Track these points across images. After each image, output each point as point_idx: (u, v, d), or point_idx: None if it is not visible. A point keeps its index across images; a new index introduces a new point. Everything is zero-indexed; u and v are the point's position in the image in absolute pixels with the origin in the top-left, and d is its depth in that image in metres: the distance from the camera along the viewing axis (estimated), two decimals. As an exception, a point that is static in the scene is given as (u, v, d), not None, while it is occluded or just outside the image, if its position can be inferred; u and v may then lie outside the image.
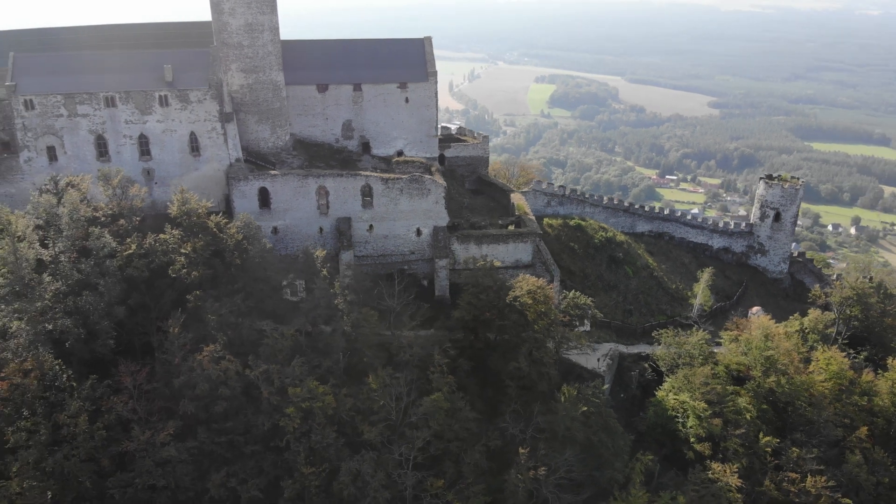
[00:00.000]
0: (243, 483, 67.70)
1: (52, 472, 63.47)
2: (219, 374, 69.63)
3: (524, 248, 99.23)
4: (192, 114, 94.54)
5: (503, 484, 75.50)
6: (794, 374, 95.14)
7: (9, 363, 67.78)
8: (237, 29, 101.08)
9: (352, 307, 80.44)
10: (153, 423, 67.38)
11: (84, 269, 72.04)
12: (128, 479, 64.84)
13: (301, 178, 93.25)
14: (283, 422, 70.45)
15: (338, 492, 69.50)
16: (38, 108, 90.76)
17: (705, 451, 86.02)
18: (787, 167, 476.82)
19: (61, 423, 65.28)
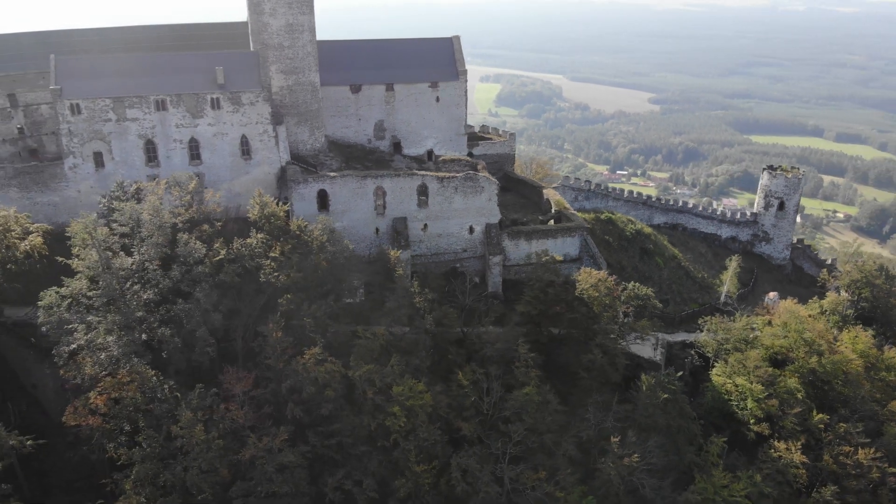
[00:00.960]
0: (358, 485, 67.44)
1: (170, 487, 62.00)
2: (324, 377, 69.17)
3: (572, 243, 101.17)
4: (244, 116, 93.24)
5: (594, 473, 77.21)
6: (829, 353, 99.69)
7: (100, 377, 65.96)
8: (278, 30, 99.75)
9: (432, 305, 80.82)
10: (265, 430, 66.46)
11: (174, 277, 70.41)
12: (249, 488, 63.86)
13: (359, 180, 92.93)
14: (389, 421, 70.46)
15: (448, 488, 69.88)
16: (85, 112, 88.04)
17: (764, 431, 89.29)
18: (731, 159, 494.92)
19: (175, 435, 63.84)
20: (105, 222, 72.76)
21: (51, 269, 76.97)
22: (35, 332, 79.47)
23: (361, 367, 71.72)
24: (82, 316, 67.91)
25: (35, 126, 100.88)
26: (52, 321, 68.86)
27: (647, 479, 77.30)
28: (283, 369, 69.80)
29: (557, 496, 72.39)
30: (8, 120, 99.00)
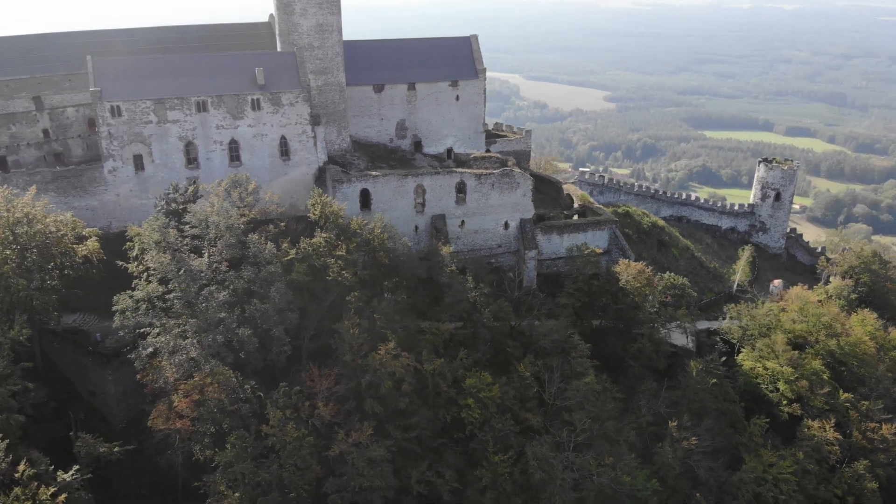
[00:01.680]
0: (440, 476, 68.60)
1: (266, 485, 62.27)
2: (400, 371, 70.13)
3: (601, 236, 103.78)
4: (284, 117, 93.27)
5: (652, 457, 79.82)
6: (844, 336, 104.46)
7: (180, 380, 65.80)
8: (308, 30, 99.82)
9: (488, 300, 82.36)
10: (351, 425, 67.09)
11: (246, 277, 70.43)
12: (342, 483, 64.44)
13: (400, 178, 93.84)
14: (464, 413, 71.86)
15: (523, 477, 71.53)
16: (125, 114, 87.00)
17: (796, 412, 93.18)
18: (688, 154, 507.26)
19: (266, 434, 64.09)
20: (167, 224, 72.01)
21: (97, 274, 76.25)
22: (89, 339, 78.63)
23: (434, 362, 72.83)
24: (160, 319, 67.31)
25: (61, 129, 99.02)
26: (129, 325, 68.17)
27: (702, 461, 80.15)
28: (360, 365, 70.39)
29: (624, 480, 74.63)
30: (33, 123, 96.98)
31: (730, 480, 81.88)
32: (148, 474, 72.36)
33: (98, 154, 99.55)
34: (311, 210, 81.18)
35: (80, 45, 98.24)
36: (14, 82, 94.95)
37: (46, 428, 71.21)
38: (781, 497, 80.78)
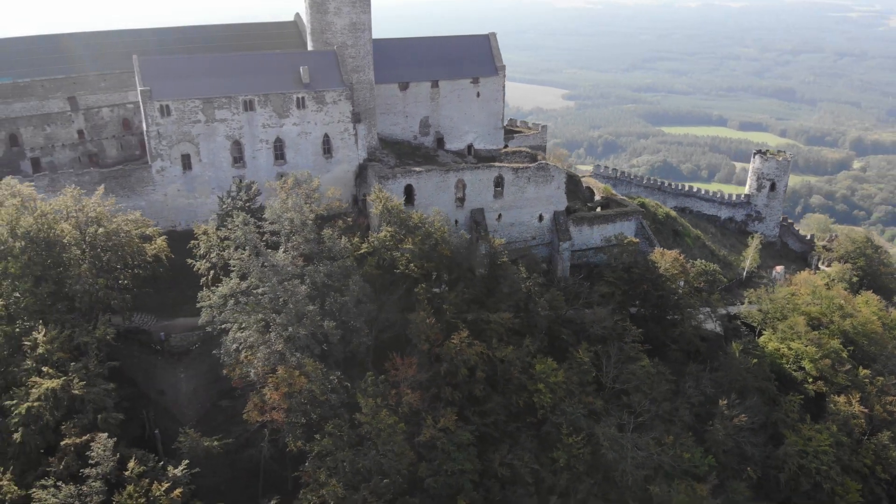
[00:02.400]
0: (519, 459, 71.06)
1: (365, 471, 63.89)
2: (474, 359, 72.36)
3: (629, 226, 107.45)
4: (327, 115, 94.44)
5: (703, 435, 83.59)
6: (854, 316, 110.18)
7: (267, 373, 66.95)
8: (342, 29, 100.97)
9: (543, 290, 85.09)
10: (435, 411, 69.07)
11: (323, 271, 71.75)
12: (435, 467, 66.40)
13: (442, 174, 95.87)
14: (536, 398, 74.46)
15: (593, 457, 74.44)
16: (174, 113, 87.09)
17: (821, 389, 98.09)
18: (649, 150, 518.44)
19: (359, 423, 65.69)
20: (248, 220, 72.74)
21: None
22: (152, 338, 78.83)
23: (505, 349, 75.25)
24: (246, 314, 68.17)
25: (95, 130, 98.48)
26: (216, 321, 68.92)
27: (749, 437, 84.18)
28: (435, 354, 72.37)
29: (685, 457, 78.20)
30: (68, 124, 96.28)
31: (774, 455, 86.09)
32: (225, 469, 72.98)
33: (132, 155, 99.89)
34: (374, 205, 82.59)
35: (113, 45, 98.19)
36: (49, 82, 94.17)
37: (122, 427, 71.38)
38: (823, 468, 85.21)
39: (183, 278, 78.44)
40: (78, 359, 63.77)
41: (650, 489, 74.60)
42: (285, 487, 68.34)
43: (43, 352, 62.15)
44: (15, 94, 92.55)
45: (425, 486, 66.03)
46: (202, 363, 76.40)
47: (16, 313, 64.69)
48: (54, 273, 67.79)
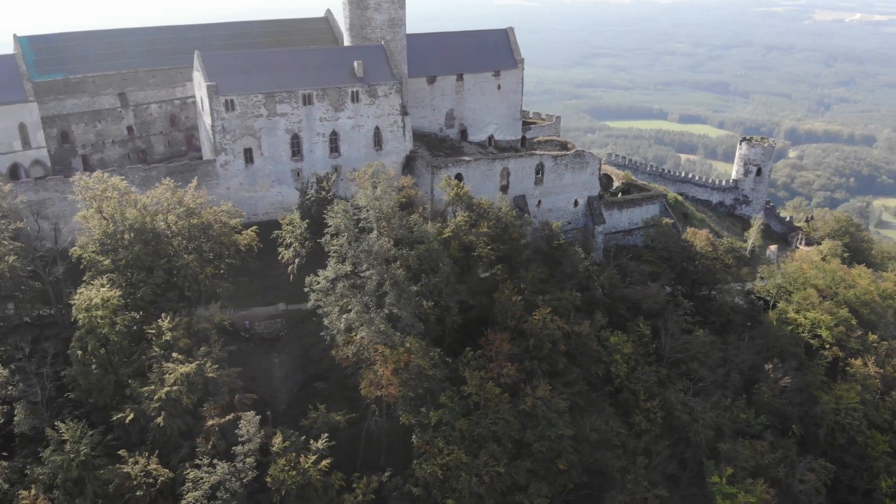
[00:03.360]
0: (606, 424, 76.10)
1: (480, 438, 67.81)
2: (556, 333, 77.06)
3: (653, 209, 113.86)
4: (379, 108, 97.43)
5: (751, 397, 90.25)
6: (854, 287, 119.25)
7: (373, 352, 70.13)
8: (381, 24, 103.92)
9: (602, 269, 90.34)
10: (531, 382, 73.44)
11: (415, 254, 75.15)
12: (539, 432, 70.71)
13: (489, 162, 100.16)
14: (613, 368, 79.64)
15: (669, 420, 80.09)
16: (238, 108, 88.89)
17: (837, 354, 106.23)
18: (597, 144, 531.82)
19: (468, 394, 69.56)
20: (348, 208, 75.50)
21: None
22: (235, 327, 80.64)
23: (583, 324, 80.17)
24: (354, 296, 71.05)
25: (144, 126, 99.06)
26: (327, 303, 71.62)
27: (790, 398, 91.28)
28: (520, 329, 76.76)
29: (742, 417, 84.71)
30: (118, 121, 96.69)
31: (811, 413, 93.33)
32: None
33: (178, 151, 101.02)
34: (444, 192, 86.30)
35: (161, 41, 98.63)
36: (101, 78, 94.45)
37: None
38: (855, 423, 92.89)
39: (248, 269, 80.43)
40: (199, 345, 65.59)
41: (718, 447, 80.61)
42: (394, 459, 71.43)
43: (169, 339, 63.87)
44: (67, 91, 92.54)
45: (533, 451, 70.22)
46: (293, 347, 78.92)
47: (133, 303, 66.00)
48: (162, 263, 69.30)
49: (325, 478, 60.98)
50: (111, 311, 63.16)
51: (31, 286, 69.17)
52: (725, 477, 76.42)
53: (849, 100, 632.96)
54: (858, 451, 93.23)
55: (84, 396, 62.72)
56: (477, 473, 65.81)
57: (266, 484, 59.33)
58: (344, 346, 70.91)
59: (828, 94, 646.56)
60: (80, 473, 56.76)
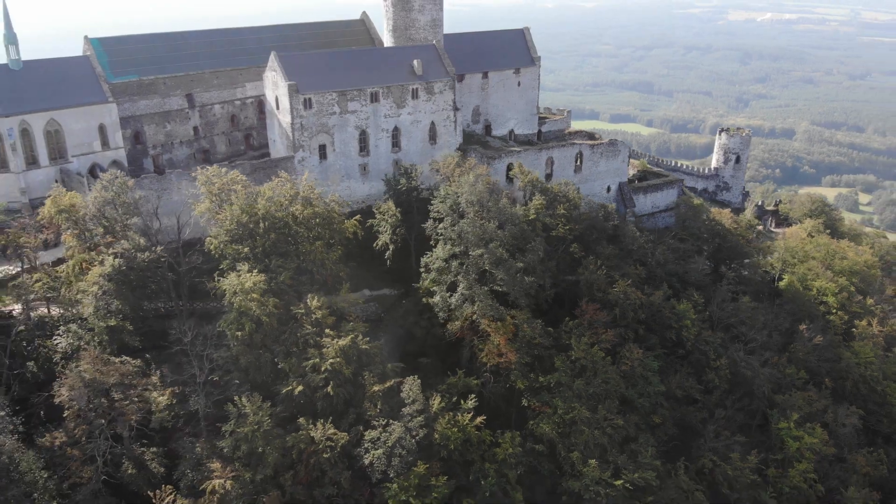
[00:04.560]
0: (686, 381, 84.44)
1: (595, 397, 74.93)
2: (638, 303, 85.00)
3: (672, 193, 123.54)
4: (434, 104, 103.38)
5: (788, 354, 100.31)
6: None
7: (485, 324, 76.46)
8: (424, 25, 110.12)
9: (655, 246, 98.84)
10: (624, 345, 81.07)
11: (510, 234, 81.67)
12: (640, 390, 78.31)
13: (536, 152, 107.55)
14: (685, 332, 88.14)
15: (734, 377, 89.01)
16: (315, 106, 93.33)
17: (843, 317, 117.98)
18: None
19: (575, 358, 76.63)
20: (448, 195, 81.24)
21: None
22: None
23: (657, 294, 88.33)
24: (467, 273, 76.99)
25: (208, 127, 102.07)
26: (441, 281, 77.24)
27: (820, 354, 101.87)
28: (604, 300, 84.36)
29: (789, 372, 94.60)
30: (186, 121, 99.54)
31: (836, 367, 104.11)
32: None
33: (238, 150, 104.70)
34: (519, 179, 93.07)
35: (222, 43, 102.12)
36: (170, 79, 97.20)
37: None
38: (875, 374, 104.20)
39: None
40: (339, 323, 70.38)
41: (776, 398, 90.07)
42: (506, 422, 77.45)
43: (319, 317, 68.44)
44: (140, 92, 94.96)
45: (637, 406, 77.77)
46: (395, 328, 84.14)
47: (275, 287, 70.06)
48: (293, 250, 73.67)
49: (478, 433, 66.84)
50: (260, 294, 67.22)
51: (165, 277, 72.17)
52: (792, 422, 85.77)
53: (766, 96, 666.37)
54: (878, 399, 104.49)
55: (243, 375, 66.52)
56: (598, 426, 72.84)
57: (430, 440, 64.73)
58: (455, 320, 76.78)
59: (746, 91, 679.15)
60: (263, 443, 60.77)
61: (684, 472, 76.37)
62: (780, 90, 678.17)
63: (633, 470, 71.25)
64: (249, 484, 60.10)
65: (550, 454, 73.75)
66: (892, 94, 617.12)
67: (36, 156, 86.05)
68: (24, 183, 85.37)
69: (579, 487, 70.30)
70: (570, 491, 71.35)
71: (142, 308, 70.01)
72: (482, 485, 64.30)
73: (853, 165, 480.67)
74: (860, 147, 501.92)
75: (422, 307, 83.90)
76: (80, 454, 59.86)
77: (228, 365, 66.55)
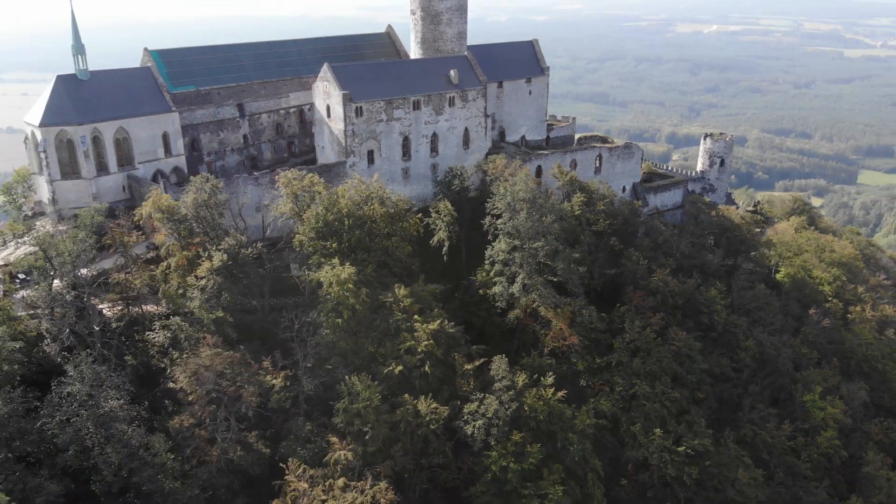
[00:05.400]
0: (723, 358, 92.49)
1: (652, 374, 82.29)
2: (678, 288, 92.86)
3: (679, 192, 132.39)
4: (468, 111, 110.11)
5: (798, 337, 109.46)
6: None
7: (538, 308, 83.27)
8: (452, 37, 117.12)
9: (679, 240, 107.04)
10: (670, 329, 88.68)
11: (559, 227, 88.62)
12: (689, 368, 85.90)
13: (562, 155, 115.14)
14: (717, 316, 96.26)
15: (761, 356, 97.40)
16: (365, 114, 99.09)
17: (840, 304, 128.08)
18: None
19: (630, 339, 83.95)
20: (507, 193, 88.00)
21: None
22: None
23: (689, 282, 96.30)
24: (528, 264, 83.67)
25: (256, 135, 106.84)
26: (506, 272, 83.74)
27: (826, 336, 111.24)
28: (648, 287, 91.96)
29: (804, 352, 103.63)
30: (236, 129, 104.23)
31: (841, 349, 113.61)
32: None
33: (281, 157, 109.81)
34: (559, 178, 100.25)
35: (268, 55, 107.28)
36: (224, 90, 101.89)
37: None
38: (875, 354, 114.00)
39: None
40: (422, 311, 76.26)
41: (797, 374, 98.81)
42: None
43: (407, 304, 74.25)
44: (197, 102, 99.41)
45: (685, 382, 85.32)
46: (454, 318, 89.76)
47: (363, 279, 75.56)
48: (373, 245, 79.35)
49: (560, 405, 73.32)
50: (353, 285, 72.71)
51: (256, 272, 76.97)
52: (816, 395, 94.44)
53: (716, 105, 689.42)
54: (879, 377, 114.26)
55: (342, 360, 71.74)
56: (658, 400, 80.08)
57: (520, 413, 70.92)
58: (514, 309, 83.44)
59: (697, 101, 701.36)
60: (374, 417, 66.14)
61: (732, 440, 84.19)
62: (730, 99, 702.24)
63: (691, 438, 78.71)
64: (362, 457, 65.32)
65: (613, 428, 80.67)
66: (836, 101, 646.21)
67: (106, 162, 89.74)
68: (96, 188, 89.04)
69: (645, 455, 77.42)
70: (636, 459, 78.53)
71: (238, 301, 74.65)
72: (570, 451, 70.65)
73: (804, 170, 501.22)
74: (809, 153, 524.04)
75: (477, 298, 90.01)
76: (206, 434, 64.32)
77: (327, 351, 71.61)
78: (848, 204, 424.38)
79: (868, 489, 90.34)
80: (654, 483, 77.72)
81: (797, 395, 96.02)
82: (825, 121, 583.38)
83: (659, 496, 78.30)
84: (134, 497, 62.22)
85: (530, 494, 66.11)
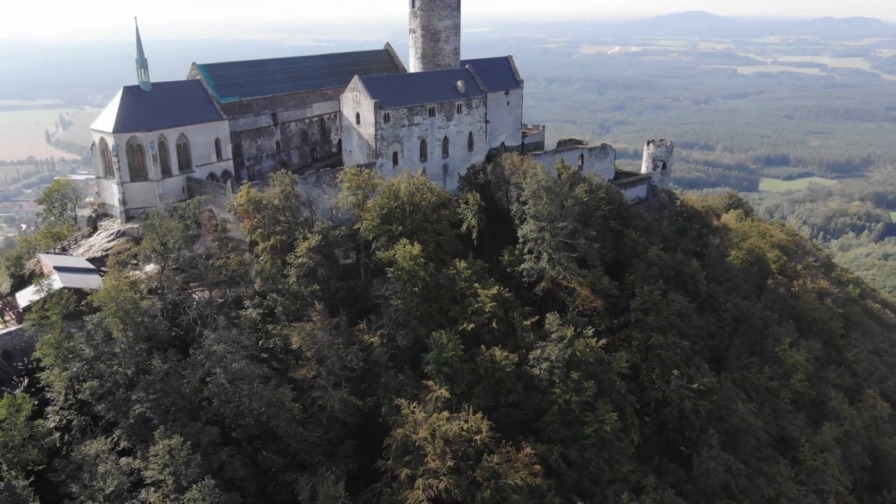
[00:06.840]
0: (708, 319, 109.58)
1: (660, 327, 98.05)
2: (669, 262, 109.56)
3: (643, 188, 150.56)
4: (471, 117, 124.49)
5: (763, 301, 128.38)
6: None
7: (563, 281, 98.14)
8: (449, 53, 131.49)
9: (660, 223, 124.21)
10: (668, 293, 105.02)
11: (577, 210, 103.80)
12: (689, 323, 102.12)
13: (552, 155, 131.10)
14: (700, 285, 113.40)
15: (736, 315, 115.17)
16: (392, 120, 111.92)
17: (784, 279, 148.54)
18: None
19: (641, 301, 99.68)
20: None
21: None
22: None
23: (675, 255, 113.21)
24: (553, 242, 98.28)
25: (286, 142, 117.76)
26: (536, 249, 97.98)
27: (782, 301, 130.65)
28: (646, 260, 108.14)
29: (767, 314, 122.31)
30: (271, 137, 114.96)
31: (793, 313, 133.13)
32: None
33: (306, 162, 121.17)
34: (562, 172, 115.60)
35: (296, 69, 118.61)
36: (261, 101, 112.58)
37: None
38: (823, 317, 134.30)
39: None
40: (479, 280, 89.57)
41: (768, 330, 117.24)
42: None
43: (468, 275, 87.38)
44: (240, 111, 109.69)
45: (687, 335, 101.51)
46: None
47: (426, 254, 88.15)
48: (428, 227, 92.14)
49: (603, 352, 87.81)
50: (422, 260, 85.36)
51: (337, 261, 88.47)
52: (786, 345, 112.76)
53: (625, 122, 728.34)
54: (826, 336, 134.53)
55: (418, 324, 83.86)
56: (670, 349, 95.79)
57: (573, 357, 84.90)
58: (541, 281, 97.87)
59: (607, 118, 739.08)
60: (459, 364, 78.71)
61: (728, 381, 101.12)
62: (636, 116, 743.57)
63: (700, 377, 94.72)
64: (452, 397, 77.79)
65: (634, 376, 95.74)
66: (732, 115, 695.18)
67: (169, 166, 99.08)
68: (161, 189, 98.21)
69: (665, 393, 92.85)
70: (657, 398, 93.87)
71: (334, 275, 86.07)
72: (615, 386, 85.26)
73: (710, 180, 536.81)
74: (713, 163, 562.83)
75: (504, 276, 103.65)
76: (326, 384, 75.39)
77: (405, 316, 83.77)
78: (753, 209, 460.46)
79: (835, 420, 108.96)
80: (673, 416, 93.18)
81: (769, 348, 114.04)
82: (725, 134, 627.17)
83: (677, 428, 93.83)
84: (264, 442, 72.61)
85: (591, 420, 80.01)
